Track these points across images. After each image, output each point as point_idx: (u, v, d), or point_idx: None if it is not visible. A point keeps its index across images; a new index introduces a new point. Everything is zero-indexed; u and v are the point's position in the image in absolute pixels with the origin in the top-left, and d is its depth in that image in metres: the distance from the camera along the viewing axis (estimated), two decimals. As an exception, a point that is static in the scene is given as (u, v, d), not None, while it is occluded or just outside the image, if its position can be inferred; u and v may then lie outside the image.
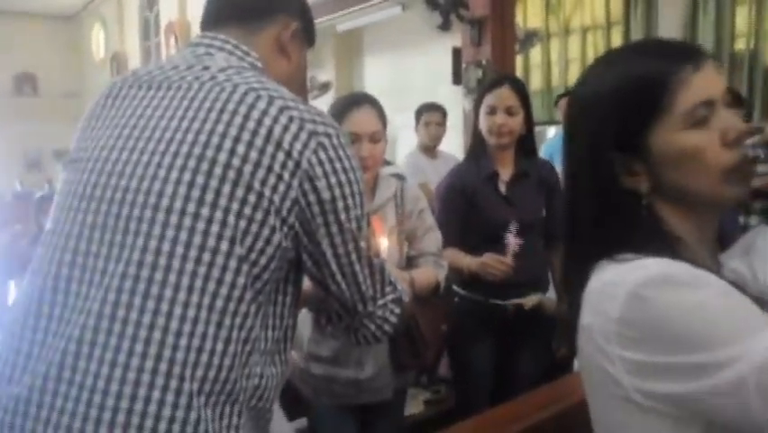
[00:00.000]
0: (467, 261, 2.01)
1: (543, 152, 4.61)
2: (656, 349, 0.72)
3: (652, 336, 0.72)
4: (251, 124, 0.88)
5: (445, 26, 4.24)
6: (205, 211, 0.85)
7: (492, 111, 2.06)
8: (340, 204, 0.93)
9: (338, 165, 0.93)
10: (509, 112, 2.05)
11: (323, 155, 0.91)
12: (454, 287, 2.09)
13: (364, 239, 0.98)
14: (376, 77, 6.64)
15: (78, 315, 0.84)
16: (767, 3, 4.08)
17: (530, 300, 2.04)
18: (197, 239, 0.85)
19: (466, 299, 2.06)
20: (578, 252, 0.88)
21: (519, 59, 5.08)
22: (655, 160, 0.81)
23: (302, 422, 1.93)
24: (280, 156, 0.88)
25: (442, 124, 3.78)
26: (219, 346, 0.84)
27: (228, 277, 0.85)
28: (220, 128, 0.88)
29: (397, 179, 1.94)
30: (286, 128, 0.89)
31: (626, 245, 0.80)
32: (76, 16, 12.37)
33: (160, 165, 0.88)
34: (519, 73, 5.16)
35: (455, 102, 4.16)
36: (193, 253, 0.84)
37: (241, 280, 0.86)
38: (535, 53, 5.35)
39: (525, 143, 2.14)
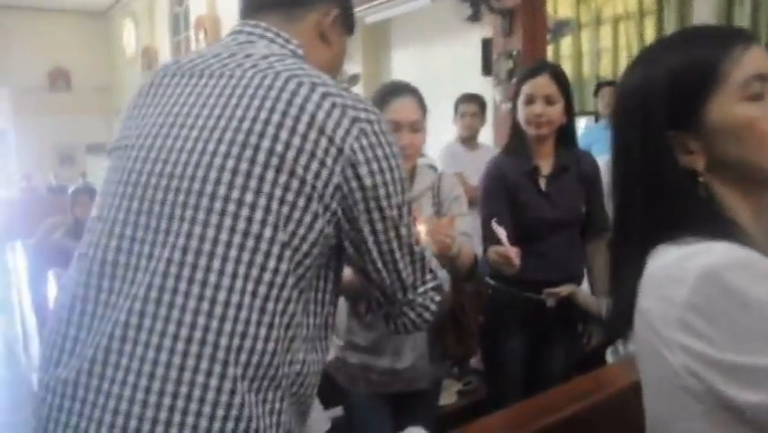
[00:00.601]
0: (492, 253, 1.91)
1: (580, 143, 4.56)
2: (726, 343, 0.68)
3: (722, 326, 0.69)
4: (293, 111, 0.89)
5: (475, 17, 4.23)
6: (249, 197, 0.86)
7: (530, 100, 1.99)
8: (382, 191, 0.93)
9: (380, 152, 0.92)
10: (548, 101, 1.98)
11: (365, 141, 0.91)
12: (487, 279, 2.07)
13: (405, 226, 0.97)
14: (404, 69, 6.63)
15: (125, 300, 0.86)
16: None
17: (563, 289, 2.00)
18: (242, 225, 0.85)
19: (499, 291, 2.04)
20: (632, 237, 0.85)
21: (550, 50, 5.03)
22: (711, 135, 0.80)
23: (337, 411, 1.95)
24: (323, 142, 0.88)
25: (477, 114, 3.74)
26: (262, 332, 0.85)
27: (271, 263, 0.86)
28: (263, 115, 0.89)
29: (433, 170, 1.93)
30: (328, 114, 0.89)
31: (684, 228, 0.78)
32: (107, 12, 12.56)
33: (204, 152, 0.89)
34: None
35: (485, 94, 4.12)
36: (237, 238, 0.85)
37: (283, 266, 0.87)
38: (566, 44, 5.28)
39: (566, 134, 2.07)
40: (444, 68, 6.00)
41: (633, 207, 0.85)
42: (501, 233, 1.73)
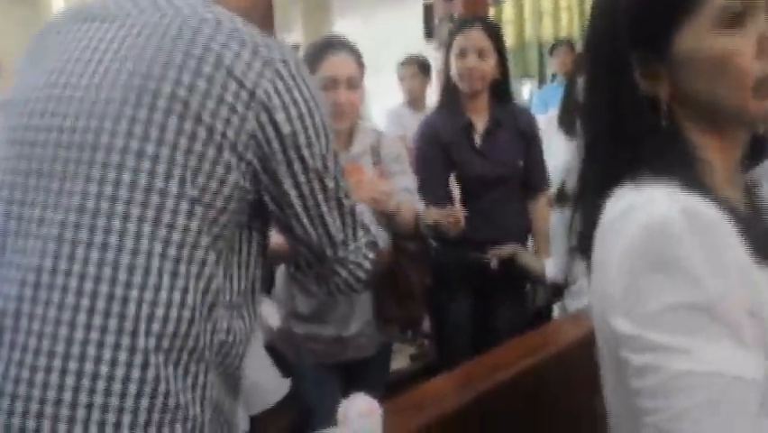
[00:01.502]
0: (429, 215, 1.86)
1: (536, 100, 4.54)
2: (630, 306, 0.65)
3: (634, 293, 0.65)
4: (197, 50, 0.79)
5: (415, -20, 4.13)
6: (149, 148, 0.77)
7: (463, 53, 1.94)
8: (302, 138, 0.84)
9: (298, 95, 0.84)
10: (481, 54, 1.93)
11: (280, 85, 0.82)
12: (431, 241, 2.03)
13: (332, 177, 0.90)
14: (347, 37, 6.49)
15: (17, 271, 0.76)
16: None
17: (505, 250, 1.97)
18: (143, 180, 0.76)
19: (442, 252, 1.98)
20: (592, 175, 0.78)
21: (491, 14, 4.98)
22: (678, 63, 0.70)
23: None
24: (232, 85, 0.79)
25: (417, 75, 3.66)
26: (176, 297, 0.77)
27: (180, 221, 0.77)
28: (162, 56, 0.79)
29: (376, 131, 1.86)
30: (237, 55, 0.80)
31: (644, 164, 0.71)
32: (33, -12, 11.95)
33: (97, 100, 0.79)
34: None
35: (430, 59, 4.06)
36: (139, 195, 0.76)
37: (195, 225, 0.78)
38: (508, 7, 5.25)
39: (500, 89, 2.03)
40: (388, 34, 5.88)
41: (596, 139, 0.78)
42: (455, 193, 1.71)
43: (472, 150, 1.99)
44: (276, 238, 0.98)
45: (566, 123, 2.19)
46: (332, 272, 0.96)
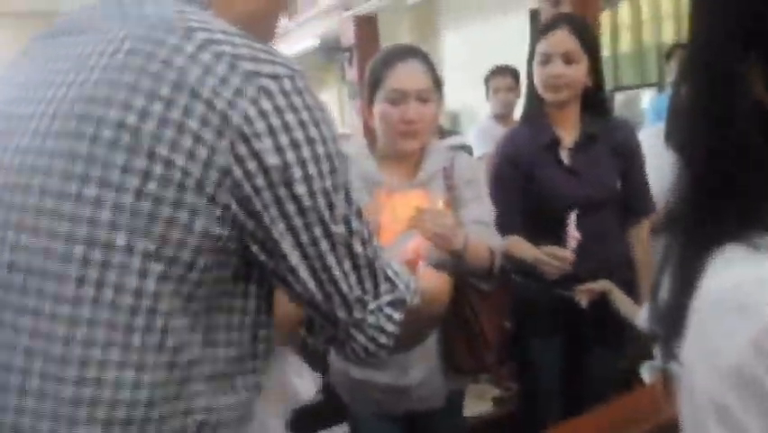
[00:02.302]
0: (526, 251, 1.68)
1: (651, 111, 4.14)
2: None
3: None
4: (153, 66, 0.65)
5: (520, -14, 3.91)
6: (90, 191, 0.64)
7: (546, 60, 1.70)
8: (296, 172, 0.68)
9: (292, 118, 0.68)
10: (568, 59, 1.68)
11: (267, 105, 0.66)
12: (514, 276, 1.80)
13: (340, 220, 0.73)
14: (454, 50, 6.33)
15: None
16: None
17: (597, 286, 1.69)
18: (82, 231, 0.64)
19: (525, 289, 1.75)
20: (689, 221, 0.56)
21: (606, 19, 4.65)
22: None
23: (344, 428, 1.74)
24: (198, 107, 0.64)
25: (512, 88, 3.42)
26: (128, 376, 0.64)
27: (131, 282, 0.64)
28: (112, 75, 0.65)
29: (451, 150, 1.67)
30: (208, 69, 0.65)
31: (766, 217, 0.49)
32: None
33: (36, 132, 0.67)
34: (606, 34, 4.72)
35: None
36: (78, 250, 0.63)
37: (150, 285, 0.65)
38: (624, 11, 4.87)
39: (594, 100, 1.76)
40: (495, 44, 5.67)
41: (693, 176, 0.55)
42: (571, 236, 1.54)
43: (559, 168, 1.74)
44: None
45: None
46: (348, 337, 0.79)
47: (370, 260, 0.77)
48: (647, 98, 4.93)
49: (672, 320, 0.53)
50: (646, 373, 1.63)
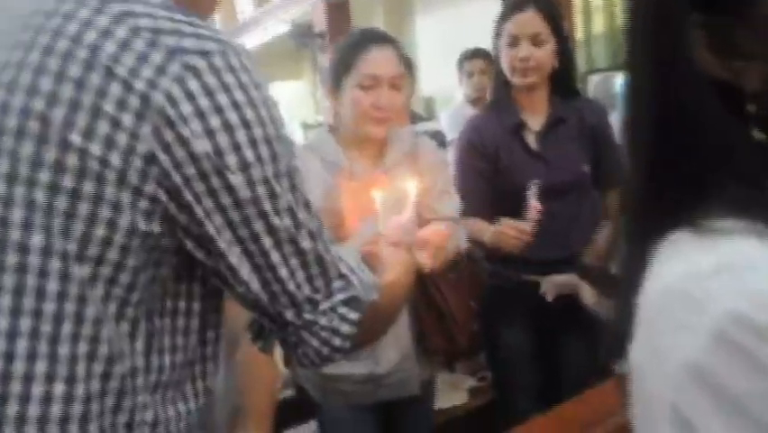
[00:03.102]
0: (485, 231, 1.65)
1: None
2: None
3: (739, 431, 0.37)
4: (62, 44, 0.58)
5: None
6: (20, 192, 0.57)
7: (514, 42, 1.66)
8: (230, 159, 0.61)
9: (224, 99, 0.60)
10: (535, 41, 1.64)
11: (194, 85, 0.59)
12: (483, 263, 1.77)
13: (284, 211, 0.66)
14: (428, 35, 6.27)
15: None
16: None
17: (560, 283, 1.67)
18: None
19: (496, 275, 1.72)
20: (635, 208, 0.51)
21: (578, 1, 4.62)
22: None
23: (311, 427, 1.69)
24: (114, 89, 0.57)
25: (486, 72, 3.38)
26: (57, 390, 0.59)
27: (52, 286, 0.58)
28: (15, 56, 0.59)
29: (415, 136, 1.63)
30: (125, 45, 0.58)
31: (717, 194, 0.43)
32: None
33: None
34: (579, 15, 4.69)
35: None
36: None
37: (73, 289, 0.59)
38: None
39: (563, 82, 1.73)
40: (469, 28, 5.62)
41: (638, 154, 0.49)
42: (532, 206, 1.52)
43: (526, 153, 1.71)
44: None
45: None
46: (299, 341, 0.72)
47: (319, 255, 0.70)
48: (617, 83, 4.93)
49: (622, 317, 0.49)
50: (619, 369, 1.59)
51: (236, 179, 0.62)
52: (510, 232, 1.59)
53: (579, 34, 4.55)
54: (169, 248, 0.64)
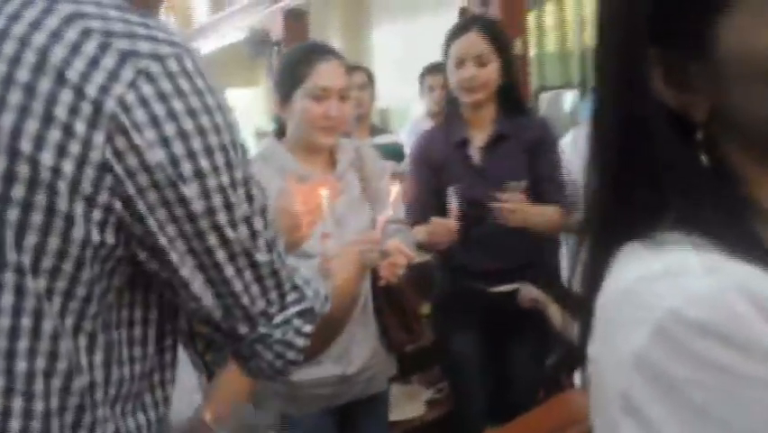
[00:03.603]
0: (420, 231, 1.74)
1: (585, 113, 4.22)
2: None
3: (678, 413, 0.41)
4: (9, 48, 0.56)
5: (449, -16, 3.94)
6: None
7: (459, 62, 1.76)
8: (185, 167, 0.59)
9: (178, 105, 0.59)
10: (480, 62, 1.74)
11: (147, 90, 0.57)
12: (434, 271, 1.85)
13: (240, 222, 0.65)
14: (385, 47, 6.33)
15: None
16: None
17: (529, 293, 1.76)
18: None
19: (445, 280, 1.83)
20: (596, 221, 0.55)
21: (532, 20, 4.74)
22: (723, 66, 0.46)
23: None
24: (65, 96, 0.55)
25: (447, 86, 3.45)
26: (16, 406, 0.58)
27: (6, 300, 0.57)
28: None
29: (354, 144, 1.70)
30: (75, 48, 0.56)
31: (668, 210, 0.48)
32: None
33: None
34: (532, 34, 4.82)
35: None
36: None
37: (29, 304, 0.58)
38: (549, 13, 4.99)
39: (508, 98, 1.81)
40: (426, 42, 5.70)
41: (601, 172, 0.54)
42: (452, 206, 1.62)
43: (469, 168, 1.79)
44: None
45: None
46: (252, 354, 0.72)
47: (274, 268, 0.70)
48: (568, 100, 5.08)
49: (583, 320, 0.54)
50: (579, 380, 1.66)
51: (190, 190, 0.61)
52: (438, 228, 1.68)
53: (531, 52, 4.68)
54: (123, 258, 0.63)
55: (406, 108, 5.54)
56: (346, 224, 1.51)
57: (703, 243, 0.44)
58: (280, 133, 1.62)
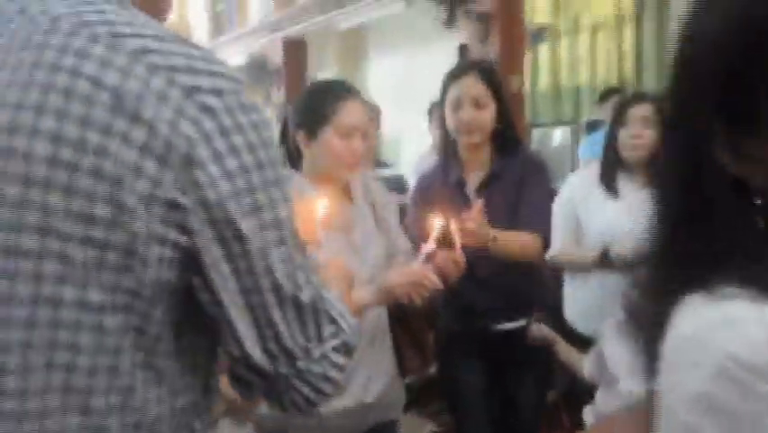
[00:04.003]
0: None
1: (584, 150, 4.28)
2: None
3: None
4: (82, 86, 0.55)
5: (450, 21, 4.07)
6: (29, 242, 0.55)
7: (457, 105, 1.83)
8: (245, 202, 0.59)
9: (238, 140, 0.59)
10: (477, 105, 1.81)
11: (210, 126, 0.57)
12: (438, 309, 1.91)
13: (289, 258, 0.64)
14: (381, 77, 6.46)
15: None
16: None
17: (540, 335, 1.83)
18: (24, 289, 0.55)
19: (450, 320, 1.90)
20: (658, 275, 0.61)
21: (528, 58, 4.89)
22: None
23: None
24: (138, 134, 0.55)
25: None
26: None
27: (84, 340, 0.57)
28: (32, 98, 0.55)
29: (366, 178, 1.77)
30: (146, 84, 0.56)
31: (727, 270, 0.54)
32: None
33: None
34: (528, 72, 4.97)
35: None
36: (21, 312, 0.55)
37: (110, 342, 0.58)
38: (543, 52, 5.15)
39: (503, 139, 1.89)
40: (422, 75, 5.83)
41: (663, 231, 0.60)
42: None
43: (465, 205, 1.82)
44: None
45: (607, 179, 2.02)
46: (288, 388, 0.70)
47: (315, 303, 0.69)
48: (558, 136, 5.20)
49: (648, 359, 0.61)
50: (589, 416, 1.72)
51: (248, 225, 0.60)
52: (447, 261, 1.64)
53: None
54: (182, 290, 0.63)
55: (398, 139, 5.64)
56: (366, 254, 1.57)
57: (758, 296, 0.52)
58: (290, 162, 1.66)
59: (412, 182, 3.16)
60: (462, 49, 4.38)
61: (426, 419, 2.34)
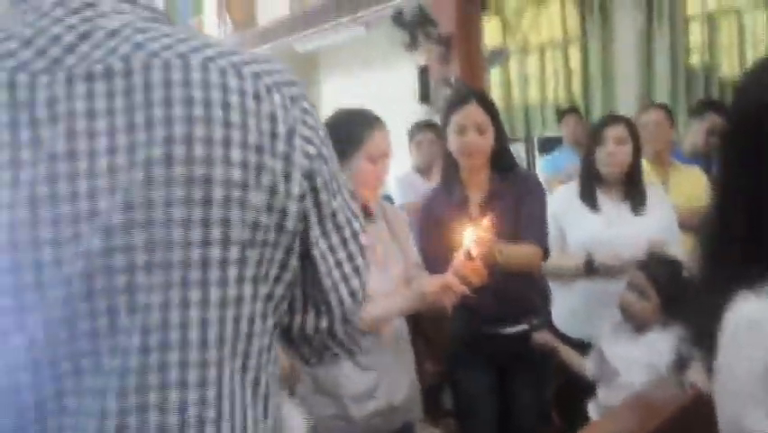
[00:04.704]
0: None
1: (547, 168, 4.47)
2: None
3: None
4: (235, 116, 0.60)
5: (412, 45, 4.22)
6: (215, 253, 0.60)
7: (462, 131, 1.97)
8: (340, 194, 0.70)
9: (324, 138, 0.67)
10: (479, 130, 1.96)
11: (307, 132, 0.65)
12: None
13: (354, 235, 0.74)
14: (335, 98, 6.57)
15: None
16: (718, 18, 4.21)
17: (543, 341, 2.00)
18: (215, 293, 0.61)
19: (459, 325, 2.03)
20: (719, 274, 0.75)
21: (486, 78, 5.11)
22: None
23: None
24: (280, 146, 0.62)
25: (435, 142, 3.64)
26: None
27: (257, 326, 0.65)
28: (198, 131, 0.59)
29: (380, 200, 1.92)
30: (272, 102, 0.63)
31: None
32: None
33: (130, 206, 0.57)
34: (497, 89, 5.21)
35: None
36: (213, 313, 0.61)
37: (270, 323, 0.67)
38: (495, 71, 5.39)
39: (500, 159, 2.04)
40: (379, 96, 5.96)
41: (727, 238, 0.75)
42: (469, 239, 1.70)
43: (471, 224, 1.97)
44: None
45: (588, 196, 2.21)
46: (334, 344, 0.78)
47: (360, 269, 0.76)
48: (514, 151, 5.42)
49: (707, 343, 0.77)
50: (593, 410, 1.88)
51: (344, 217, 0.70)
52: (466, 270, 1.74)
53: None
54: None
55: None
56: (388, 269, 1.68)
57: None
58: None
59: (398, 201, 3.29)
60: (423, 70, 4.54)
61: (429, 424, 2.44)
